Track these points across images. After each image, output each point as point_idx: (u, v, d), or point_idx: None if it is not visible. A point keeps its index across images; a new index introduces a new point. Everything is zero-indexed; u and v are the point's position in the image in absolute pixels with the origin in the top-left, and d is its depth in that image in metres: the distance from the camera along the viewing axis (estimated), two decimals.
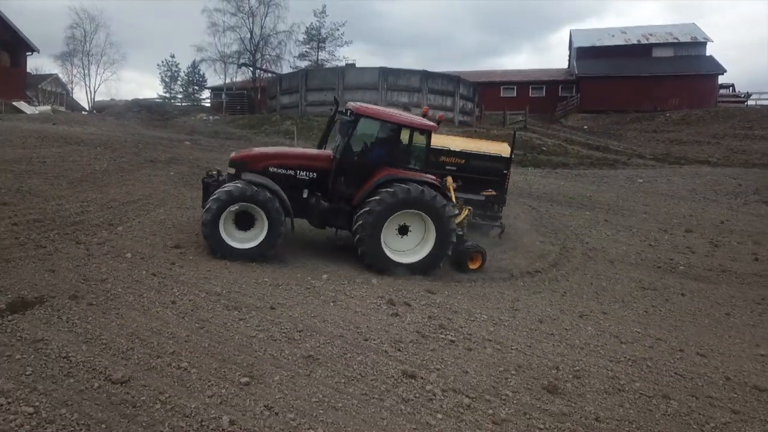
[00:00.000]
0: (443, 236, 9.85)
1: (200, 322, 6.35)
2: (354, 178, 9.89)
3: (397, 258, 9.81)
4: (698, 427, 5.60)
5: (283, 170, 9.74)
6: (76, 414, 4.25)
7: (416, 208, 9.72)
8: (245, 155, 10.04)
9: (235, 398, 4.88)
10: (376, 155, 10.17)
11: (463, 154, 13.47)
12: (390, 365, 6.00)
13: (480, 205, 12.95)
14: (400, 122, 10.10)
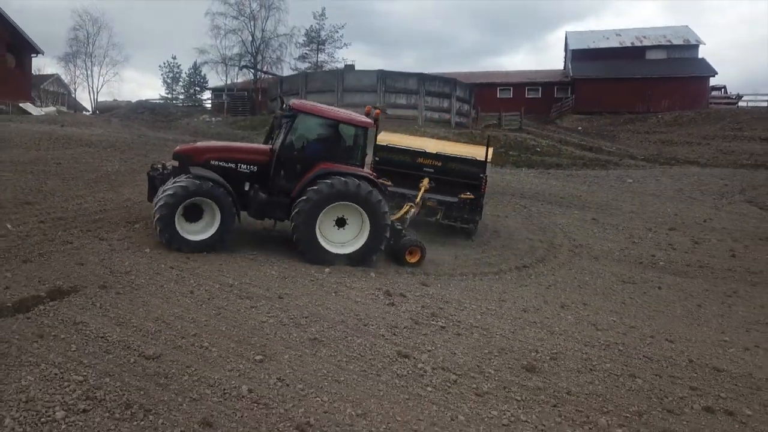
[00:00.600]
0: (377, 230, 10.22)
1: (216, 309, 7.10)
2: (293, 172, 10.24)
3: (332, 249, 10.15)
4: (658, 400, 6.34)
5: (224, 163, 10.06)
6: (119, 382, 5.00)
7: (352, 201, 10.05)
8: (189, 149, 10.38)
9: (251, 372, 5.62)
10: (314, 150, 10.51)
11: (440, 156, 13.84)
12: (386, 347, 6.76)
13: (456, 207, 13.39)
14: (338, 119, 10.57)
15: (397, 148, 14.20)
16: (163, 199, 9.02)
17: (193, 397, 4.98)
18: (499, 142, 30.12)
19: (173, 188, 9.10)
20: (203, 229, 9.49)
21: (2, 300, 6.28)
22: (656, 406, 6.17)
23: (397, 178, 13.41)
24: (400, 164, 13.87)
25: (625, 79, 44.74)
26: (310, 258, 9.94)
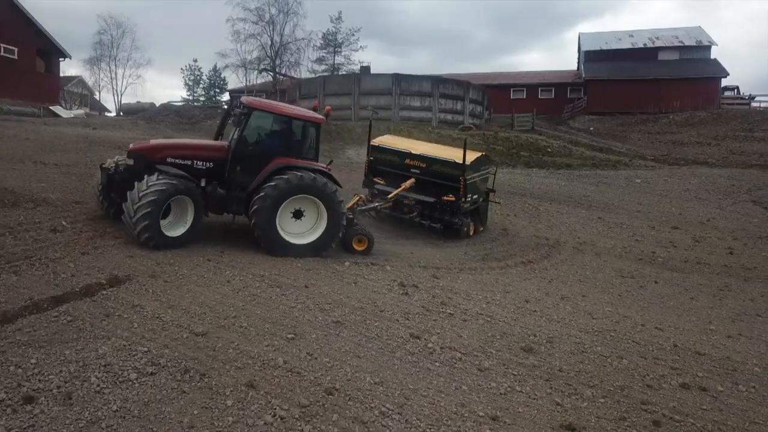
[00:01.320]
0: (335, 219, 10.79)
1: (251, 296, 8.08)
2: (249, 167, 10.48)
3: (292, 240, 10.56)
4: (640, 377, 7.18)
5: (180, 161, 10.12)
6: (176, 353, 5.97)
7: (308, 193, 10.53)
8: (145, 147, 10.41)
9: (284, 347, 6.58)
10: (269, 145, 10.88)
11: (423, 158, 14.28)
12: (400, 329, 7.68)
13: (433, 207, 13.91)
14: (291, 115, 11.02)
15: (388, 149, 14.79)
16: (148, 198, 9.07)
17: (238, 366, 5.94)
18: (510, 143, 30.93)
19: (157, 188, 9.19)
20: (173, 226, 9.76)
21: (71, 286, 7.30)
22: (638, 382, 7.01)
23: (389, 178, 14.30)
24: (391, 164, 14.56)
25: (637, 80, 45.28)
26: (274, 252, 10.29)
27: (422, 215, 13.77)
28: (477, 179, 14.27)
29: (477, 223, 14.87)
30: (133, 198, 9.15)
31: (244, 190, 10.49)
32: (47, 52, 38.85)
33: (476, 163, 14.20)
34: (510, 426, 5.54)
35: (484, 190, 15.18)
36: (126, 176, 9.92)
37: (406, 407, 5.60)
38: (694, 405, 6.53)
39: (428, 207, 13.76)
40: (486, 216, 15.62)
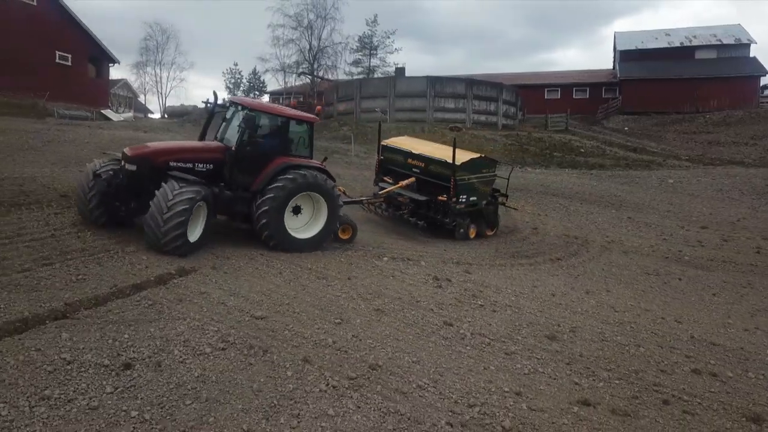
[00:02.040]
0: (333, 212, 11.37)
1: (301, 286, 9.02)
2: (250, 168, 10.69)
3: (296, 235, 11.05)
4: (655, 363, 7.85)
5: (182, 164, 10.09)
6: (241, 333, 6.92)
7: (312, 191, 11.06)
8: (147, 151, 10.14)
9: (333, 330, 7.48)
10: (270, 146, 11.06)
11: (422, 157, 14.63)
12: (434, 317, 8.52)
13: (424, 205, 14.20)
14: (289, 115, 11.37)
15: (395, 149, 15.29)
16: (180, 207, 9.02)
17: (294, 345, 6.86)
18: (543, 144, 31.39)
19: (185, 196, 9.15)
20: (190, 231, 9.51)
21: (147, 275, 8.35)
22: (652, 367, 7.69)
23: (395, 177, 14.90)
24: (396, 164, 15.13)
25: (673, 79, 45.03)
26: (282, 248, 10.71)
27: (412, 213, 14.02)
28: (474, 181, 14.30)
29: (482, 226, 14.88)
30: (160, 207, 8.98)
31: (246, 191, 10.71)
32: (97, 58, 40.84)
33: (472, 164, 14.24)
34: (532, 400, 6.31)
35: (486, 192, 15.04)
36: (129, 182, 9.82)
37: (439, 382, 6.43)
38: (703, 388, 7.18)
39: (421, 205, 14.04)
40: (495, 219, 15.52)
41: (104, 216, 10.03)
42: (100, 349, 5.94)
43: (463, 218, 14.13)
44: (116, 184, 9.81)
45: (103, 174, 9.95)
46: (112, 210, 9.98)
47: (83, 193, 9.92)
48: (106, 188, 9.77)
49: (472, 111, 34.05)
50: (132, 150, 10.11)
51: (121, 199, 9.87)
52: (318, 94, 46.35)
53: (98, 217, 10.03)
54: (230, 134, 11.18)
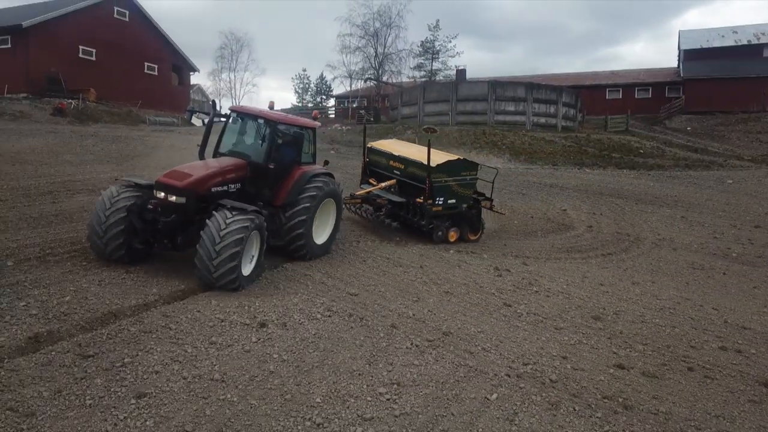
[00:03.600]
0: (339, 215, 11.78)
1: (382, 272, 10.81)
2: (273, 181, 10.39)
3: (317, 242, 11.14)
4: (687, 341, 9.17)
5: (219, 188, 9.61)
6: (341, 305, 8.73)
7: (332, 197, 11.29)
8: (192, 180, 9.14)
9: (412, 306, 9.20)
10: (289, 156, 10.78)
11: (401, 159, 14.53)
12: (495, 300, 10.11)
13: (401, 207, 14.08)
14: (299, 124, 11.12)
15: (378, 151, 15.28)
16: (234, 237, 8.38)
17: (382, 315, 8.63)
18: (602, 145, 32.18)
19: (239, 224, 8.50)
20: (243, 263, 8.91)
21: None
22: (683, 344, 9.03)
23: (379, 179, 14.95)
24: (380, 166, 15.13)
25: (739, 78, 44.45)
26: (310, 257, 10.80)
27: (388, 214, 13.97)
28: (452, 183, 14.01)
29: (464, 230, 14.61)
30: (212, 238, 8.29)
31: (270, 206, 10.35)
32: (179, 67, 44.28)
33: (449, 166, 14.04)
34: (575, 363, 7.82)
35: (466, 196, 14.54)
36: (172, 217, 8.95)
37: (500, 347, 8.04)
38: (726, 360, 8.48)
39: (399, 207, 14.00)
40: (478, 224, 15.12)
41: (122, 251, 9.06)
42: (241, 312, 7.89)
43: (442, 221, 13.96)
44: (162, 221, 8.92)
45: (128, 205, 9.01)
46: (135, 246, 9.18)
47: (98, 225, 8.88)
48: (143, 226, 8.99)
49: (531, 113, 35.14)
50: (177, 180, 9.02)
51: (164, 236, 9.09)
52: (382, 98, 48.84)
53: (113, 252, 9.03)
54: (242, 147, 10.76)
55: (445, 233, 14.04)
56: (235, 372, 6.28)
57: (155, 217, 8.91)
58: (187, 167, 9.58)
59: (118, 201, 8.95)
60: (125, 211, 8.91)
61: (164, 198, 8.91)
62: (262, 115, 10.72)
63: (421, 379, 6.71)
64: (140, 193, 9.21)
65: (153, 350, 6.49)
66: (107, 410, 5.26)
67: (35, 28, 33.77)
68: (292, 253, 10.59)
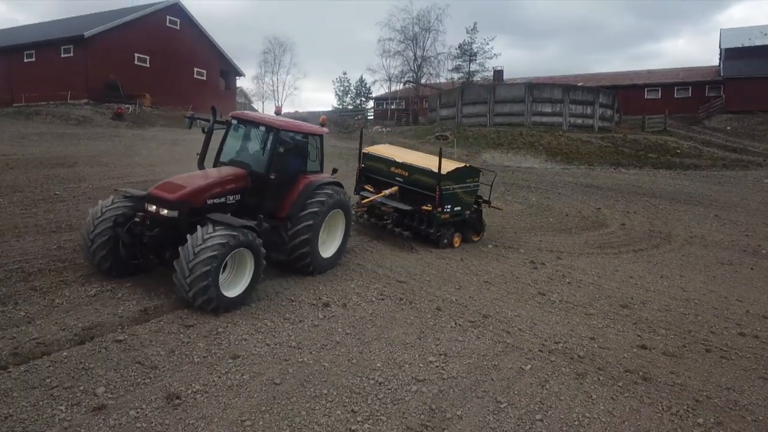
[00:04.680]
0: (349, 226, 11.04)
1: (427, 263, 11.94)
2: (275, 191, 9.74)
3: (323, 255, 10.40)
4: (708, 327, 10.00)
5: (217, 200, 8.97)
6: (392, 290, 9.88)
7: (341, 208, 10.61)
8: (185, 193, 8.52)
9: (454, 293, 10.29)
10: (294, 164, 10.15)
11: (405, 166, 14.06)
12: (530, 289, 11.12)
13: (408, 215, 13.61)
14: (305, 131, 10.38)
15: (377, 157, 14.73)
16: (207, 255, 7.62)
17: (429, 300, 9.73)
18: (639, 145, 32.59)
19: (216, 241, 7.73)
20: (231, 284, 8.32)
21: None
22: (704, 329, 9.87)
23: (377, 186, 14.36)
24: (379, 172, 14.53)
25: None
26: (317, 270, 10.16)
27: (395, 223, 13.47)
28: (459, 191, 13.83)
29: (468, 233, 14.54)
30: (187, 255, 7.67)
31: (273, 218, 9.77)
32: (226, 72, 46.23)
33: (456, 173, 13.78)
34: (602, 343, 8.78)
35: (469, 203, 14.39)
36: (165, 231, 8.37)
37: (534, 328, 9.06)
38: (744, 345, 9.30)
39: (405, 215, 13.63)
40: (480, 225, 15.01)
41: (108, 262, 8.61)
42: (308, 294, 9.14)
43: (447, 228, 13.73)
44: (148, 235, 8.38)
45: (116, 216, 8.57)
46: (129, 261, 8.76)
47: (88, 234, 8.50)
48: (130, 239, 8.47)
49: (568, 114, 35.72)
50: (169, 192, 8.50)
51: (150, 251, 8.53)
52: (420, 99, 50.18)
53: (100, 263, 8.61)
54: (243, 156, 10.12)
55: (450, 240, 13.86)
56: (308, 341, 7.50)
57: (141, 230, 8.46)
58: (182, 178, 9.04)
59: (108, 211, 8.58)
60: (112, 222, 8.50)
61: (156, 211, 8.40)
62: (263, 122, 9.99)
63: (465, 351, 7.81)
64: (133, 205, 8.78)
65: (239, 323, 7.76)
66: (211, 366, 6.52)
67: (95, 37, 35.95)
68: (295, 265, 9.93)
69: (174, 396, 5.78)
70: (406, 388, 6.60)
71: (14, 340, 6.54)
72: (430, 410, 6.17)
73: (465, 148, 30.81)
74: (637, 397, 7.00)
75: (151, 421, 5.36)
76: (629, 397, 7.01)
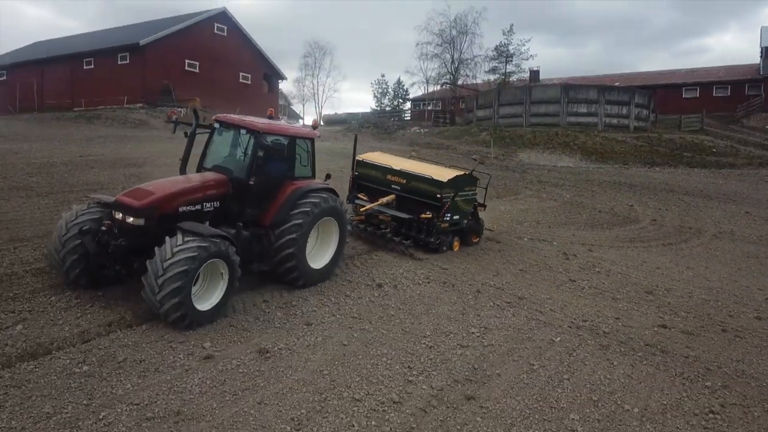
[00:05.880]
0: (343, 236, 10.36)
1: (465, 254, 13.11)
2: (258, 198, 9.22)
3: (312, 266, 9.78)
4: (726, 312, 10.89)
5: (192, 207, 8.42)
6: (436, 275, 11.09)
7: (329, 216, 9.95)
8: (153, 199, 7.99)
9: (492, 278, 11.43)
10: (279, 169, 9.61)
11: (404, 173, 13.67)
12: (562, 276, 12.19)
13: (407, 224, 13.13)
14: (295, 134, 9.86)
15: (371, 164, 14.34)
16: (177, 270, 7.15)
17: (469, 284, 10.90)
18: (674, 145, 33.04)
19: (186, 254, 7.24)
20: (204, 296, 7.86)
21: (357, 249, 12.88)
22: (723, 313, 10.79)
23: (372, 194, 13.96)
24: (374, 180, 14.15)
25: None
26: (304, 283, 9.56)
27: (395, 232, 13.03)
28: (458, 199, 13.39)
29: (467, 237, 14.01)
30: (155, 270, 7.19)
31: (256, 226, 9.27)
32: (269, 75, 48.13)
33: (456, 181, 13.34)
34: (625, 322, 9.81)
35: (467, 211, 13.91)
36: (132, 240, 7.87)
37: (564, 309, 10.16)
38: (759, 327, 10.19)
39: (404, 224, 13.17)
40: (478, 227, 14.46)
41: (84, 277, 8.23)
42: (363, 277, 10.46)
43: (446, 235, 13.36)
44: (114, 244, 7.87)
45: (85, 227, 8.08)
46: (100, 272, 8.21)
47: (56, 251, 8.06)
48: (98, 249, 7.99)
49: (603, 114, 36.32)
50: (136, 199, 7.97)
51: (115, 261, 8.01)
52: (457, 100, 51.48)
53: (75, 279, 8.21)
54: (225, 161, 9.58)
55: (450, 246, 13.46)
56: (367, 313, 8.81)
57: (108, 239, 7.94)
58: (153, 184, 8.57)
59: (74, 226, 8.07)
60: (79, 233, 8.01)
61: (122, 219, 7.89)
62: (244, 125, 9.36)
63: (502, 325, 9.00)
64: (104, 212, 8.33)
65: (309, 298, 9.13)
66: (290, 330, 7.89)
67: (149, 45, 38.14)
68: (281, 276, 9.36)
69: (264, 351, 7.14)
70: (452, 352, 7.83)
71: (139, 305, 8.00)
72: (473, 368, 7.38)
73: (501, 148, 31.79)
74: (653, 365, 8.06)
75: (249, 368, 6.72)
76: (647, 365, 8.07)
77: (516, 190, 23.23)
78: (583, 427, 6.28)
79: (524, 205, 20.69)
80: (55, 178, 15.43)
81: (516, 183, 24.82)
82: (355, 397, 6.36)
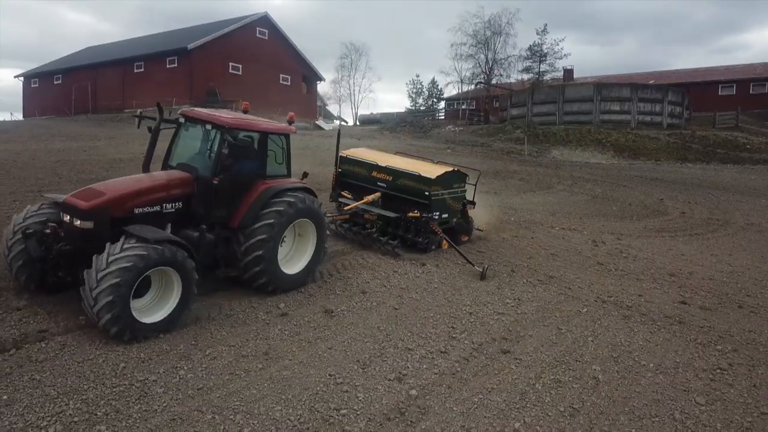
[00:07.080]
0: (322, 239, 9.73)
1: (501, 240, 14.21)
2: (229, 197, 8.57)
3: (285, 271, 9.13)
4: (744, 292, 11.73)
5: (149, 208, 7.80)
6: (477, 257, 12.25)
7: (304, 217, 9.28)
8: (102, 201, 7.32)
9: (525, 261, 12.49)
10: (249, 167, 8.95)
11: (390, 170, 13.19)
12: (591, 260, 13.19)
13: (394, 223, 12.68)
14: (267, 130, 9.17)
15: (356, 161, 13.88)
16: (109, 282, 6.48)
17: (504, 264, 12.00)
18: (707, 141, 33.40)
19: (121, 264, 6.56)
20: (153, 306, 7.24)
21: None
22: (741, 293, 11.62)
23: (356, 191, 13.49)
24: (358, 177, 13.67)
25: None
26: (275, 288, 8.88)
27: (381, 231, 12.60)
28: (446, 197, 13.02)
29: (456, 236, 13.34)
30: (91, 281, 6.57)
31: (223, 228, 8.61)
32: (308, 77, 49.79)
33: (445, 178, 12.94)
34: (648, 298, 10.76)
35: (456, 210, 13.44)
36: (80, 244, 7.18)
37: (591, 287, 11.18)
38: None
39: (390, 223, 12.71)
40: (468, 225, 13.93)
41: (34, 283, 7.73)
42: (409, 258, 11.67)
43: (436, 234, 12.74)
44: (56, 249, 7.25)
45: (32, 229, 7.52)
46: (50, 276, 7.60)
47: (4, 256, 7.67)
48: (42, 253, 7.35)
49: (636, 112, 36.84)
50: (84, 200, 7.32)
51: (59, 267, 7.40)
52: (491, 99, 52.47)
53: (28, 285, 7.73)
54: (191, 158, 8.99)
55: (440, 245, 12.98)
56: (414, 285, 10.04)
57: (51, 243, 7.35)
58: (105, 184, 7.95)
59: (20, 229, 7.56)
60: (24, 237, 7.44)
61: (69, 221, 7.27)
62: (210, 120, 8.68)
63: (534, 298, 10.11)
64: (54, 213, 7.79)
65: (362, 273, 10.40)
66: (349, 297, 9.18)
67: (196, 49, 40.16)
68: (249, 282, 8.71)
69: (329, 311, 8.44)
70: (490, 317, 8.99)
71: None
72: (508, 330, 8.53)
73: (535, 145, 32.66)
74: (670, 333, 9.05)
75: (318, 323, 8.03)
76: (664, 332, 9.06)
77: (549, 185, 24.15)
78: (603, 375, 7.36)
79: (556, 198, 21.62)
80: (127, 173, 17.00)
81: (549, 178, 25.72)
82: (408, 347, 7.58)
